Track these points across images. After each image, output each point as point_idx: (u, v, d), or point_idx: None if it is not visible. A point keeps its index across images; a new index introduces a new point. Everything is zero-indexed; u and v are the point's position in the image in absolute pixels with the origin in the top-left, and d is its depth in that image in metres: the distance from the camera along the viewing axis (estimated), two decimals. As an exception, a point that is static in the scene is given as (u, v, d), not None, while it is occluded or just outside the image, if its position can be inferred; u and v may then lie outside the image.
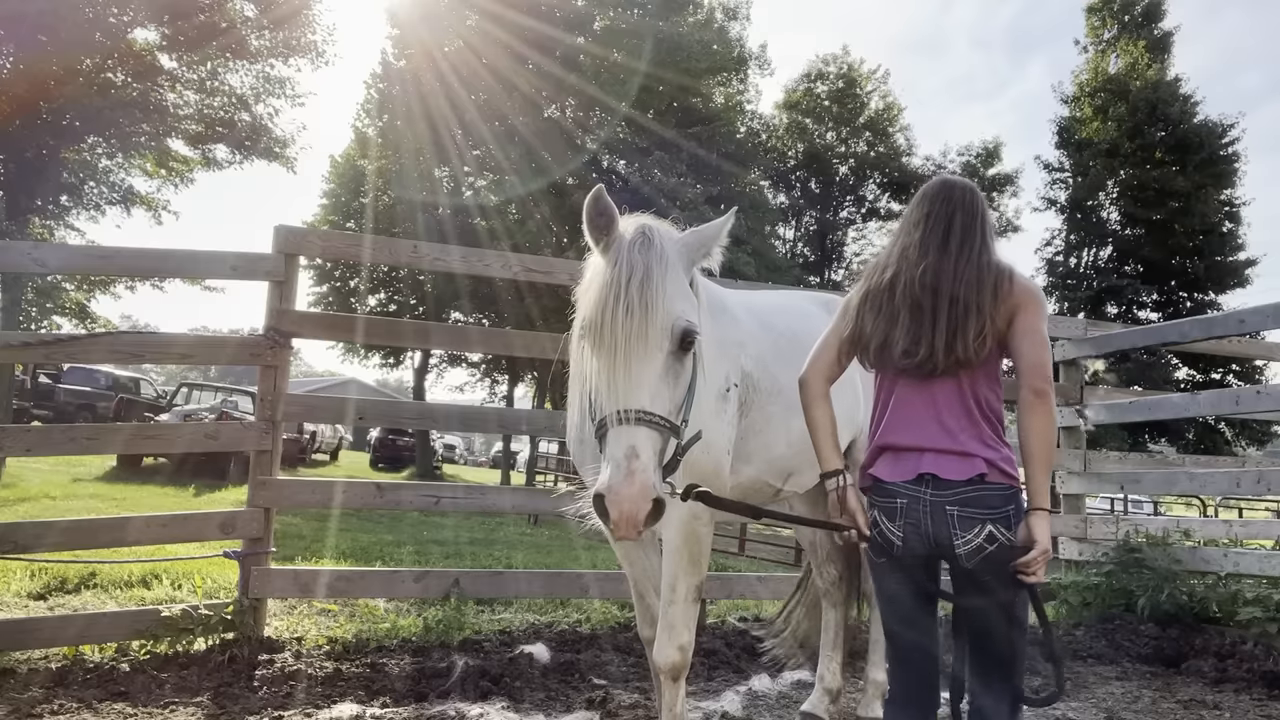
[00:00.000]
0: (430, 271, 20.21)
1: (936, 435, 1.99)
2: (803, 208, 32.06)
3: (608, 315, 1.80)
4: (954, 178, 2.21)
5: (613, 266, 1.86)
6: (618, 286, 1.81)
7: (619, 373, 1.77)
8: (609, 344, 1.79)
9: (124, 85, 16.60)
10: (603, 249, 1.93)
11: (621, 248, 1.89)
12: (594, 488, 1.71)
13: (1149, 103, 26.24)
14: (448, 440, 44.59)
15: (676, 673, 2.47)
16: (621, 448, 1.70)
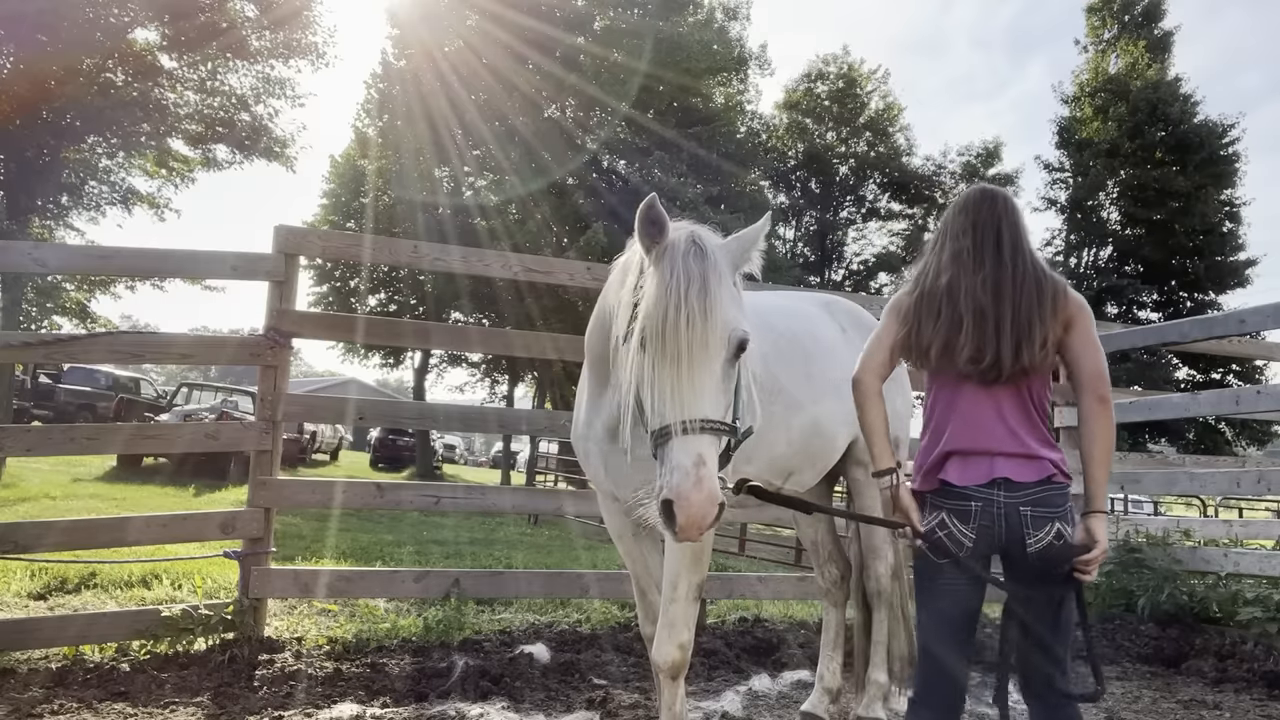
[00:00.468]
0: (430, 271, 20.21)
1: (1004, 439, 2.06)
2: (803, 208, 32.05)
3: (669, 325, 1.82)
4: (992, 187, 2.30)
5: (670, 276, 1.87)
6: (678, 296, 1.83)
7: (683, 382, 1.81)
8: (672, 353, 1.81)
9: (124, 85, 16.59)
10: (655, 257, 1.93)
11: (675, 256, 1.90)
12: (660, 493, 1.74)
13: (1149, 103, 26.24)
14: (448, 440, 44.59)
15: (676, 671, 2.48)
16: (689, 455, 1.74)
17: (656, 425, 1.82)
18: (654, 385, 1.83)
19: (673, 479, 1.73)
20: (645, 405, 1.89)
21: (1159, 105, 26.20)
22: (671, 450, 1.77)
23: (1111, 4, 27.77)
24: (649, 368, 1.85)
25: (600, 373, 2.48)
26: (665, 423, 1.79)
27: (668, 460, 1.76)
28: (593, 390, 2.56)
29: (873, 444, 2.19)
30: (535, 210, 22.16)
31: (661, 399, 1.81)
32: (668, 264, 1.89)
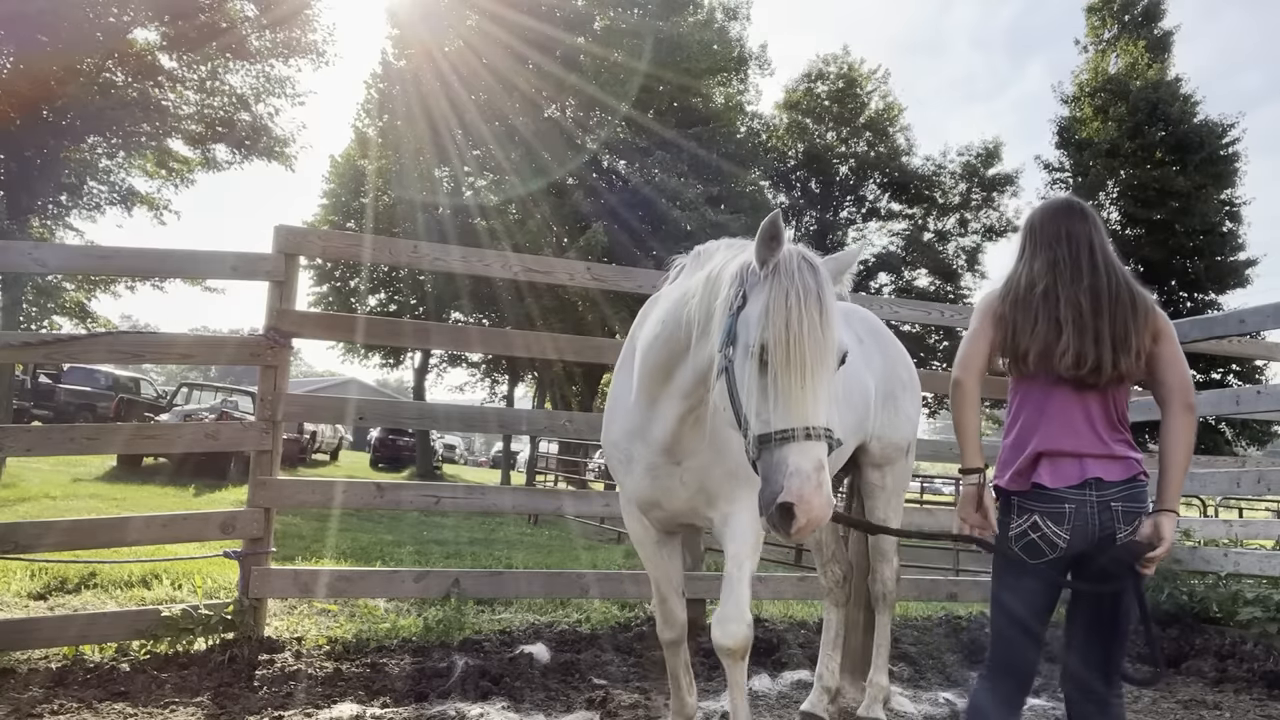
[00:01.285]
0: (430, 271, 20.22)
1: (1093, 442, 2.17)
2: (803, 208, 32.04)
3: (793, 335, 1.89)
4: (1077, 199, 2.40)
5: (790, 288, 1.93)
6: (799, 308, 1.91)
7: (807, 391, 1.88)
8: (795, 362, 1.88)
9: (124, 85, 16.59)
10: (768, 270, 1.99)
11: (792, 270, 1.96)
12: (776, 496, 1.81)
13: (1149, 103, 26.22)
14: (448, 440, 44.59)
15: (745, 650, 2.58)
16: (810, 460, 1.82)
17: (767, 430, 1.88)
18: (773, 393, 1.89)
19: (793, 482, 1.80)
20: (750, 412, 1.93)
21: (1159, 105, 26.18)
22: (788, 455, 1.83)
23: (1111, 4, 27.74)
24: (770, 376, 1.90)
25: (658, 381, 2.46)
26: (783, 427, 1.85)
27: (784, 465, 1.82)
28: (645, 398, 2.54)
29: (966, 443, 2.27)
30: (535, 210, 22.16)
31: (780, 406, 1.87)
32: (785, 277, 1.95)
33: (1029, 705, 3.89)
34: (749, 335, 1.95)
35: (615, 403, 2.75)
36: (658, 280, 5.01)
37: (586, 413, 12.93)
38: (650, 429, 2.54)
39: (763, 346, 1.91)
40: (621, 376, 2.74)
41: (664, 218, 22.37)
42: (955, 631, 5.04)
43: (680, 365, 2.36)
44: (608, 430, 2.77)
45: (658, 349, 2.44)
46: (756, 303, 1.97)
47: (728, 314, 2.05)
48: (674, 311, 2.37)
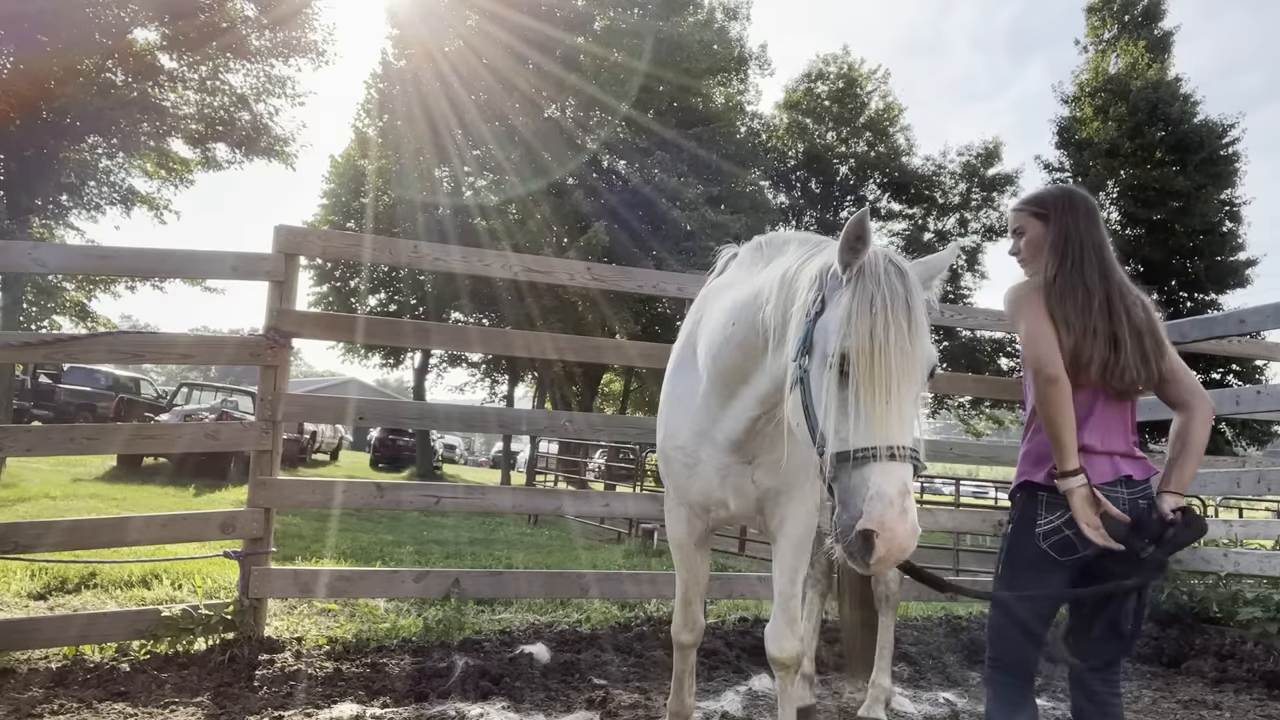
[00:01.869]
0: (430, 271, 20.22)
1: (1121, 442, 2.25)
2: (803, 208, 32.05)
3: (877, 345, 1.74)
4: (1077, 190, 2.42)
5: (876, 294, 1.78)
6: (884, 316, 1.76)
7: (893, 407, 1.73)
8: (880, 375, 1.73)
9: (124, 85, 16.58)
10: (852, 273, 1.84)
11: (878, 274, 1.81)
12: (855, 522, 1.67)
13: (1149, 103, 26.21)
14: (448, 440, 44.59)
15: (799, 662, 2.59)
16: (894, 484, 1.68)
17: (846, 449, 1.73)
18: (854, 407, 1.74)
19: (874, 507, 1.65)
20: (826, 428, 1.79)
21: (1159, 105, 26.18)
22: (869, 477, 1.69)
23: (1111, 4, 27.74)
24: (852, 389, 1.75)
25: (731, 384, 2.35)
26: (864, 446, 1.71)
27: (864, 488, 1.68)
28: (717, 400, 2.42)
29: (1066, 444, 2.16)
30: (535, 210, 22.16)
31: (861, 422, 1.73)
32: (870, 282, 1.80)
33: (1029, 705, 3.89)
34: (828, 344, 1.81)
35: (676, 404, 2.61)
36: (658, 280, 5.04)
37: (586, 413, 12.94)
38: (721, 431, 2.44)
39: (843, 356, 1.76)
40: (681, 376, 2.61)
41: (664, 218, 22.37)
42: (955, 631, 5.04)
43: (756, 370, 2.24)
44: (670, 433, 2.61)
45: (730, 352, 2.30)
46: (837, 309, 1.82)
47: (804, 320, 1.91)
48: (746, 313, 2.23)
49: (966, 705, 3.81)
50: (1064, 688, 4.17)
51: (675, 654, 2.91)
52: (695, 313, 2.68)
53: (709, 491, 2.56)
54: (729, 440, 2.43)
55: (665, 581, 4.85)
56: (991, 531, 6.04)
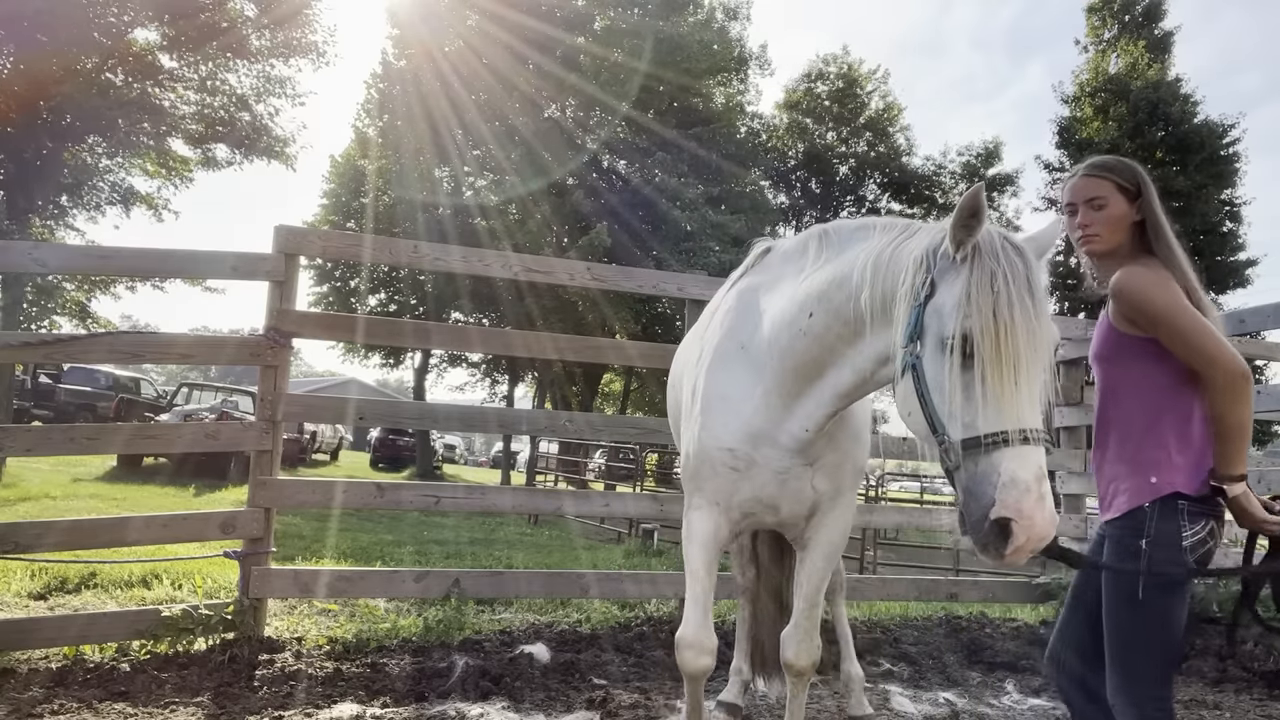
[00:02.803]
0: (430, 271, 20.22)
1: None
2: (803, 208, 32.06)
3: (1002, 325, 1.66)
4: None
5: (999, 272, 1.70)
6: (1007, 294, 1.68)
7: (1022, 388, 1.66)
8: (1008, 356, 1.65)
9: (124, 85, 16.58)
10: (968, 252, 1.76)
11: (997, 252, 1.74)
12: (994, 511, 1.59)
13: (1149, 103, 26.24)
14: (448, 440, 44.59)
15: (814, 670, 2.57)
16: (1029, 469, 1.61)
17: (973, 434, 1.66)
18: (981, 391, 1.66)
19: (1009, 494, 1.58)
20: (945, 415, 1.71)
21: (1159, 105, 26.20)
22: (1001, 463, 1.61)
23: (1112, 4, 27.77)
24: (978, 371, 1.67)
25: (803, 380, 2.20)
26: (994, 430, 1.63)
27: (996, 474, 1.61)
28: (780, 398, 2.26)
29: (1244, 446, 2.02)
30: (535, 210, 22.17)
31: (990, 406, 1.65)
32: (989, 259, 1.72)
33: (1029, 705, 3.89)
34: (944, 326, 1.73)
35: (721, 404, 2.38)
36: (658, 280, 5.04)
37: (586, 413, 12.93)
38: (787, 432, 2.27)
39: (965, 338, 1.68)
40: (725, 374, 2.41)
41: (664, 218, 22.38)
42: (955, 631, 5.04)
43: (835, 364, 2.12)
44: (714, 435, 2.38)
45: (805, 346, 2.16)
46: (952, 290, 1.74)
47: (913, 305, 1.81)
48: (827, 303, 2.10)
49: (966, 705, 3.81)
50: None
51: (689, 684, 2.63)
52: (734, 309, 2.50)
53: (761, 496, 2.38)
54: (797, 441, 2.28)
55: (665, 581, 4.85)
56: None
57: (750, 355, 2.34)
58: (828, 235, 2.26)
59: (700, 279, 5.05)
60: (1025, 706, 3.86)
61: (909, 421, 1.85)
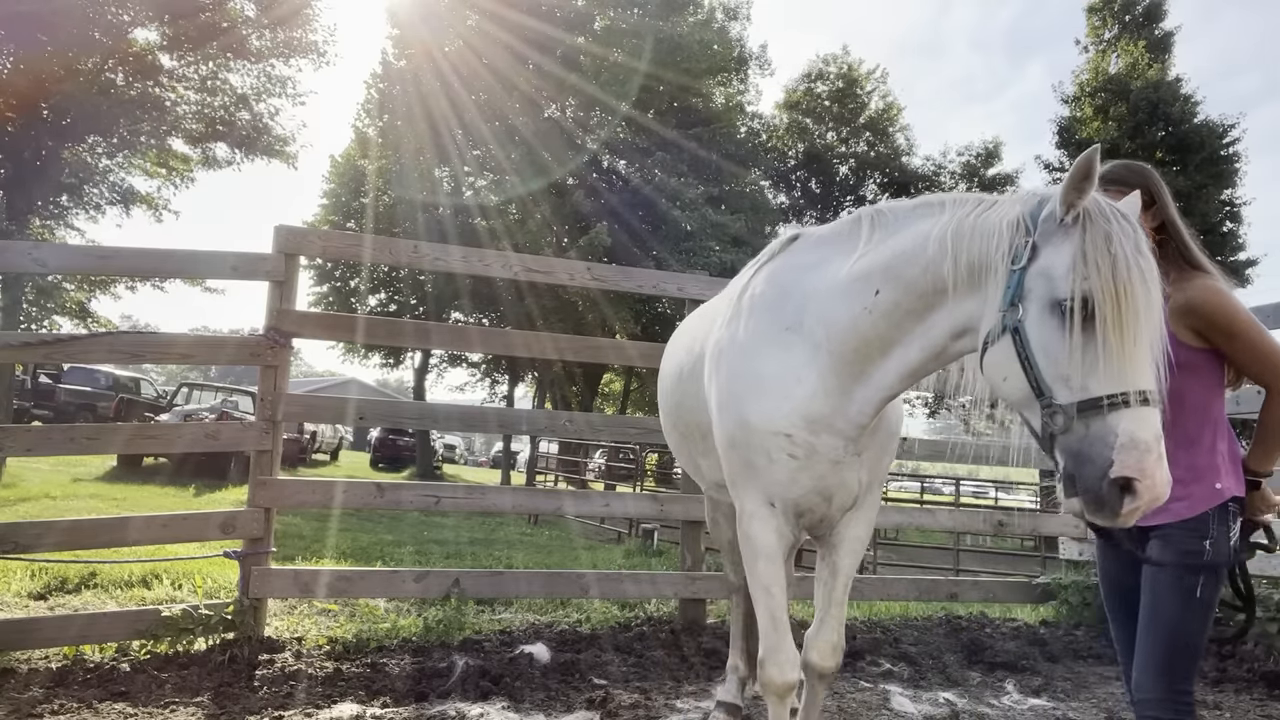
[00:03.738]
0: (430, 271, 20.21)
1: None
2: (803, 208, 32.04)
3: (1121, 285, 1.65)
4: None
5: (1112, 232, 1.69)
6: (1124, 255, 1.67)
7: (1141, 348, 1.65)
8: (1129, 317, 1.64)
9: (124, 85, 16.59)
10: (1075, 215, 1.74)
11: (1105, 214, 1.72)
12: (1114, 470, 1.59)
13: (1149, 103, 26.23)
14: (448, 440, 44.60)
15: (838, 669, 2.57)
16: (1149, 430, 1.60)
17: (1089, 396, 1.65)
18: (1098, 352, 1.65)
19: (1130, 455, 1.58)
20: (1053, 378, 1.70)
21: (1159, 105, 26.20)
22: (1119, 424, 1.61)
23: (1112, 4, 27.76)
24: (1099, 332, 1.65)
25: (867, 360, 2.14)
26: (1114, 391, 1.63)
27: (1113, 434, 1.61)
28: (839, 380, 2.17)
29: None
30: (535, 210, 22.17)
31: (1108, 367, 1.64)
32: (1103, 222, 1.71)
33: (1029, 705, 3.89)
34: (1055, 289, 1.71)
35: (772, 385, 2.25)
36: (658, 280, 5.04)
37: (586, 413, 12.93)
38: (846, 417, 2.19)
39: (1085, 299, 1.66)
40: (769, 355, 2.28)
41: (664, 218, 22.38)
42: (955, 631, 5.04)
43: (904, 340, 2.07)
44: (767, 418, 2.24)
45: (871, 322, 2.09)
46: (1060, 252, 1.72)
47: (1011, 269, 1.79)
48: (898, 277, 2.05)
49: (966, 705, 3.81)
50: (1065, 688, 4.17)
51: (773, 705, 2.45)
52: (769, 292, 2.40)
53: (820, 488, 2.29)
54: (855, 427, 2.20)
55: (665, 581, 4.85)
56: (991, 531, 6.05)
57: (800, 337, 2.24)
58: (881, 214, 2.21)
59: (700, 279, 5.05)
60: (1025, 706, 3.86)
61: (1004, 387, 1.83)
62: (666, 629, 4.64)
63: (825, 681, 2.56)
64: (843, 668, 4.24)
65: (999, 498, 26.37)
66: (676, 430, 3.09)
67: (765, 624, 2.38)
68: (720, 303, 2.84)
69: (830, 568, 2.50)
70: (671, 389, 3.08)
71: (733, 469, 2.40)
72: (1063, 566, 5.83)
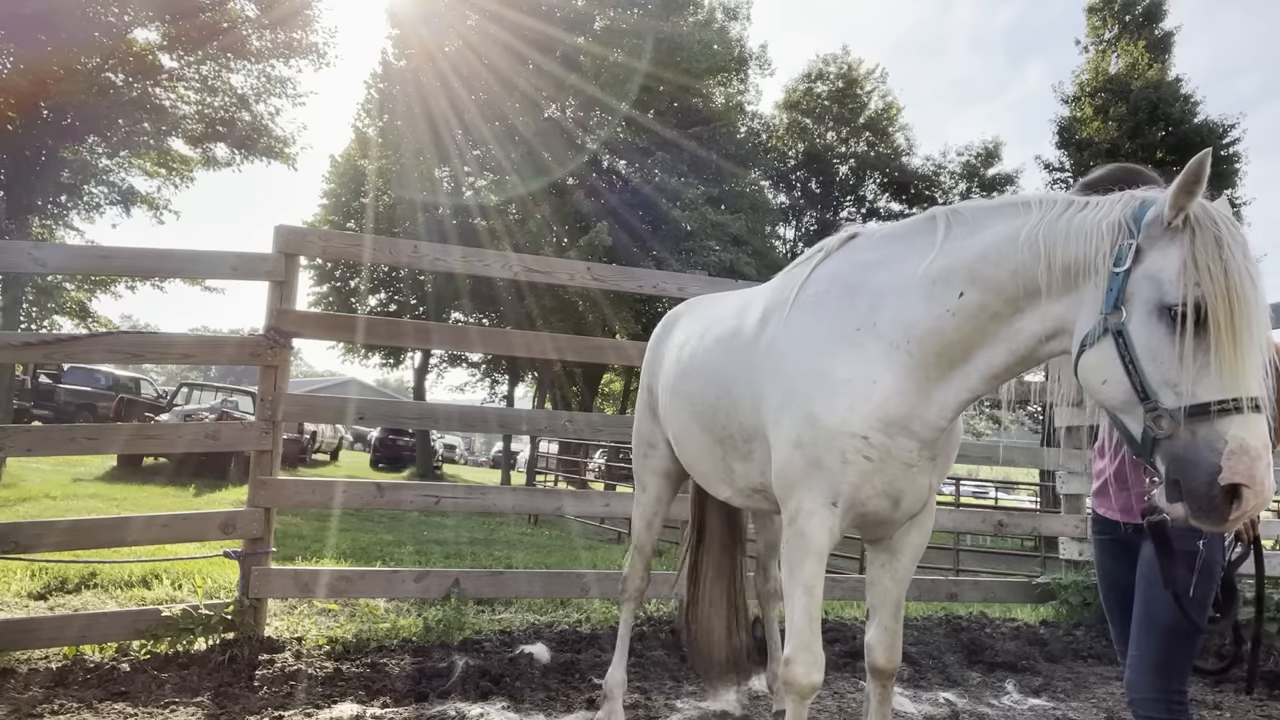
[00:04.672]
0: (430, 271, 20.21)
1: None
2: (803, 208, 32.06)
3: (1234, 292, 1.63)
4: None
5: (1222, 238, 1.68)
6: (1238, 261, 1.66)
7: (1251, 355, 1.64)
8: (1242, 324, 1.63)
9: (124, 85, 16.59)
10: (1186, 219, 1.72)
11: (1215, 218, 1.71)
12: (1224, 476, 1.58)
13: (1150, 103, 26.23)
14: (448, 440, 44.61)
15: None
16: (1259, 437, 1.60)
17: (1198, 401, 1.64)
18: (1209, 358, 1.64)
19: (1240, 462, 1.57)
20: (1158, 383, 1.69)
21: (1159, 105, 26.19)
22: (1229, 430, 1.61)
23: (1112, 4, 27.75)
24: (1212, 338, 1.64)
25: (948, 363, 2.11)
26: (1224, 398, 1.62)
27: (1222, 440, 1.60)
28: (918, 381, 2.13)
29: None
30: (536, 210, 22.18)
31: (1218, 373, 1.64)
32: (1213, 226, 1.69)
33: (1029, 705, 3.89)
34: (1164, 293, 1.69)
35: (846, 384, 2.18)
36: (658, 280, 5.04)
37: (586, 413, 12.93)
38: (923, 420, 2.15)
39: (1197, 305, 1.64)
40: (842, 355, 2.21)
41: (664, 218, 22.39)
42: (955, 631, 5.04)
43: (988, 343, 2.05)
44: (841, 419, 2.16)
45: (955, 325, 2.06)
46: (1170, 255, 1.70)
47: (1114, 272, 1.77)
48: (983, 280, 2.02)
49: (966, 705, 3.81)
50: (1065, 688, 4.17)
51: (795, 705, 2.34)
52: (832, 290, 2.34)
53: (889, 491, 2.25)
54: (933, 430, 2.17)
55: (665, 581, 4.85)
56: (991, 531, 6.05)
57: (874, 337, 2.18)
58: (958, 214, 2.17)
59: (700, 279, 5.05)
60: (1025, 706, 3.86)
61: (1102, 390, 1.80)
62: (666, 629, 4.63)
63: (890, 681, 2.56)
64: (842, 667, 4.26)
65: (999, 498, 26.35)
66: (709, 433, 2.78)
67: (801, 622, 2.30)
68: (757, 298, 2.70)
69: (891, 574, 2.48)
70: (701, 390, 2.81)
71: (794, 469, 2.29)
72: (1063, 566, 5.83)
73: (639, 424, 3.46)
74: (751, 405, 2.49)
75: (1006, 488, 27.75)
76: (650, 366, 3.41)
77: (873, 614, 2.54)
